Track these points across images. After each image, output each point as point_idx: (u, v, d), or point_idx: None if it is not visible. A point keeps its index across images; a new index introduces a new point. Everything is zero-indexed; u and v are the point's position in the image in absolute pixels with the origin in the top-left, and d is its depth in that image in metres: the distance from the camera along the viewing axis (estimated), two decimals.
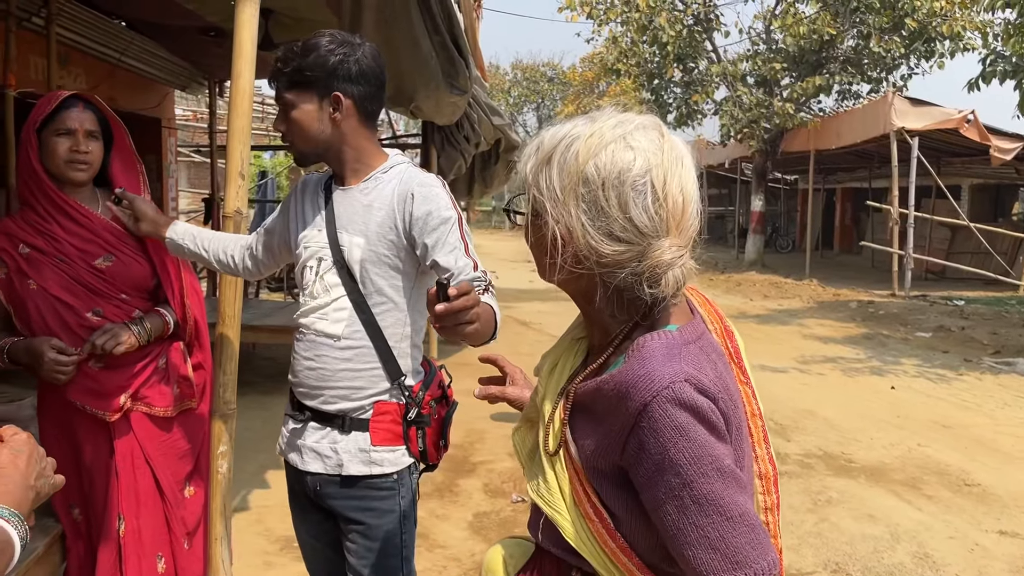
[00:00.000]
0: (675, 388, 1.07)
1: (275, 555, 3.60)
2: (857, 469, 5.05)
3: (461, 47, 4.40)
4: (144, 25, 6.59)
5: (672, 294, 1.13)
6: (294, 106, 1.93)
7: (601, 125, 1.15)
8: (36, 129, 2.22)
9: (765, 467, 1.25)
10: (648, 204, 1.11)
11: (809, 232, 18.75)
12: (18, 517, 1.04)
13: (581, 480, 1.18)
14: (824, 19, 15.75)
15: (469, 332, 1.41)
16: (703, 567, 1.06)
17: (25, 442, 1.20)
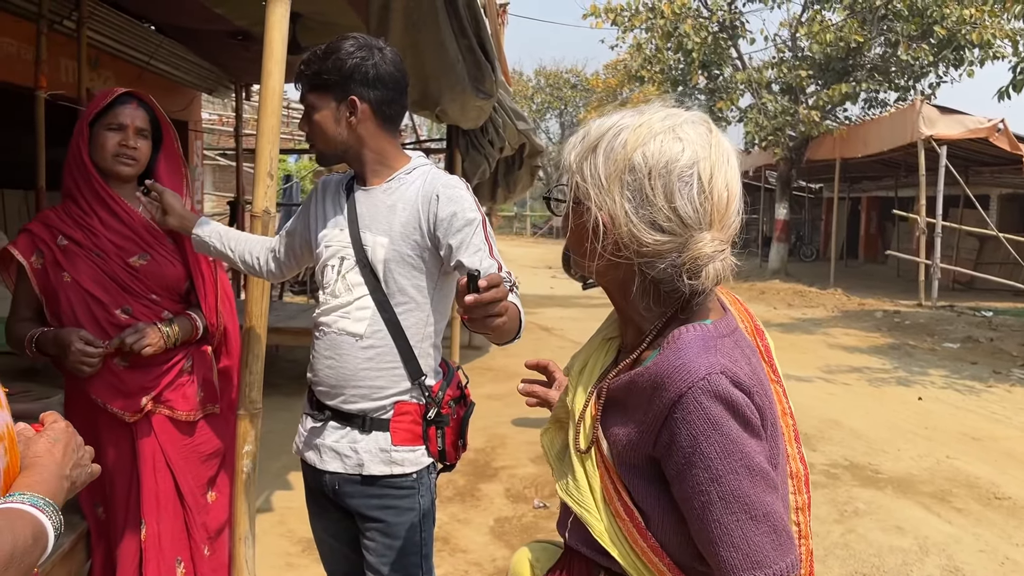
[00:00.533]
0: (711, 380, 1.06)
1: (297, 556, 3.60)
2: (884, 480, 4.97)
3: (488, 51, 4.39)
4: (172, 29, 6.66)
5: (711, 288, 1.12)
6: (315, 108, 1.97)
7: (650, 117, 1.15)
8: (89, 122, 2.25)
9: (796, 466, 1.24)
10: (694, 195, 1.11)
11: (834, 241, 18.56)
12: (53, 507, 1.03)
13: (612, 478, 1.17)
14: (851, 26, 15.62)
15: (497, 325, 1.40)
16: (725, 565, 1.06)
17: (63, 431, 1.19)
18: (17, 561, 0.91)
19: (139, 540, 2.33)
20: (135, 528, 2.33)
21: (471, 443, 2.14)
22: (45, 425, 1.21)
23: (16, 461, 1.08)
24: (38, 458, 1.12)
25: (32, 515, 0.99)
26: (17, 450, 1.09)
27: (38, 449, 1.13)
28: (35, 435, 1.17)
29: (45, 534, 1.00)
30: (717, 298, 1.24)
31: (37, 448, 1.13)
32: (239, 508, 2.32)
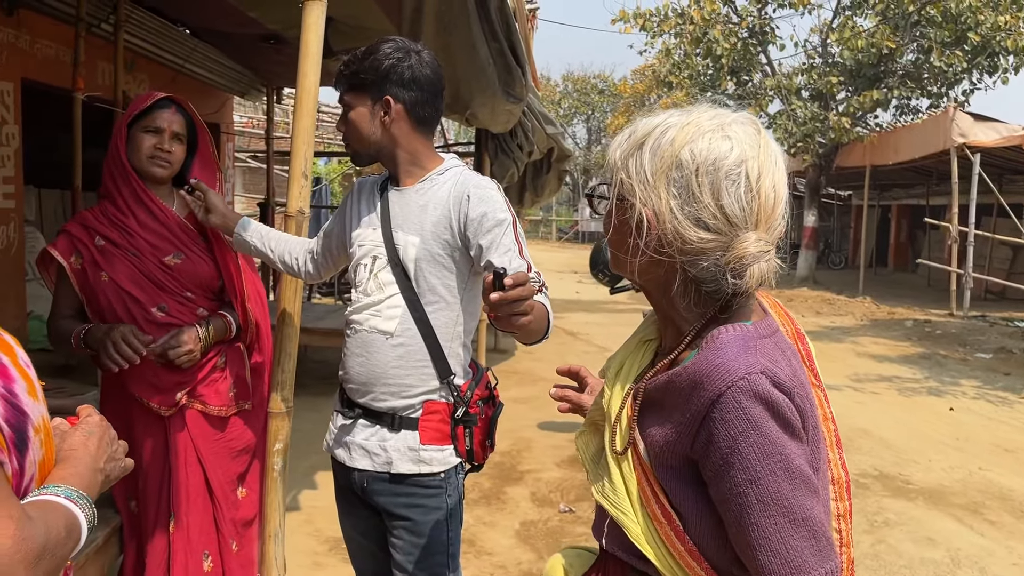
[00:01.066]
0: (751, 379, 1.05)
1: (324, 555, 3.62)
2: (915, 491, 4.90)
3: (518, 54, 4.40)
4: (206, 32, 6.74)
5: (753, 289, 1.11)
6: (351, 107, 2.00)
7: (698, 116, 1.15)
8: (128, 124, 2.30)
9: (838, 472, 1.22)
10: (741, 194, 1.10)
11: (863, 249, 18.37)
12: (86, 499, 1.04)
13: (649, 480, 1.16)
14: (883, 32, 15.46)
15: (523, 323, 1.40)
16: (762, 569, 1.04)
17: (98, 424, 1.21)
18: (50, 553, 0.92)
19: (168, 533, 2.36)
20: (165, 522, 2.36)
21: (496, 446, 2.14)
22: (80, 419, 1.22)
23: (52, 454, 1.09)
24: (73, 451, 1.13)
25: (66, 507, 1.00)
26: (53, 443, 1.10)
27: (73, 442, 1.15)
28: (70, 429, 1.18)
29: (78, 526, 1.01)
30: (758, 301, 1.23)
31: (72, 441, 1.15)
32: (270, 505, 2.34)
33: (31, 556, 0.88)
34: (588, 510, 4.29)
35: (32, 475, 1.00)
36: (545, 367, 7.96)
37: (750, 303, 1.18)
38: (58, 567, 0.95)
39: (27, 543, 0.87)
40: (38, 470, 1.02)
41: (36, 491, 1.01)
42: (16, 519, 0.87)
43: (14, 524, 0.86)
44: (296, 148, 2.25)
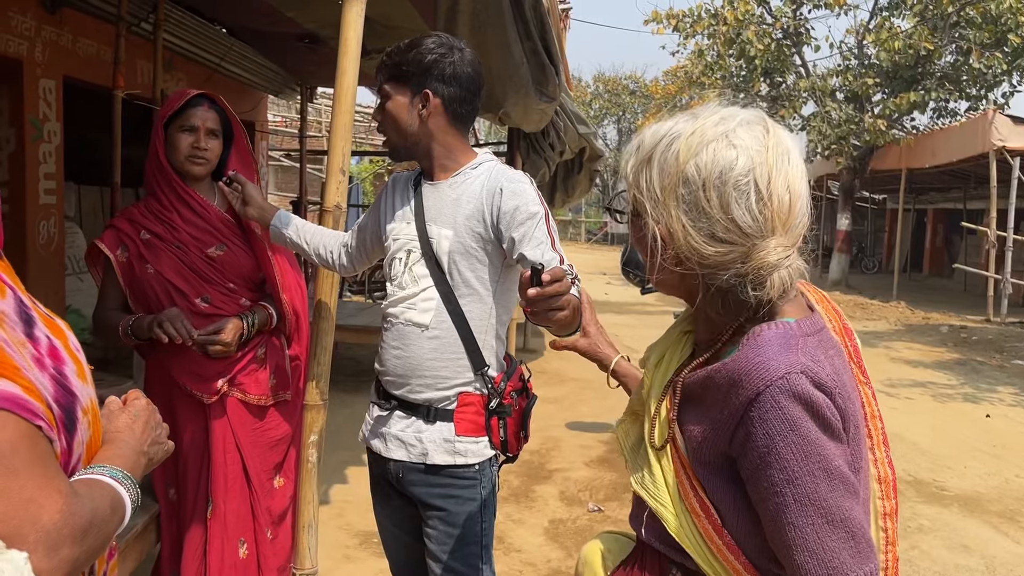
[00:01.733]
0: (790, 379, 1.03)
1: (355, 549, 3.66)
2: (950, 497, 4.83)
3: (552, 54, 4.40)
4: (242, 31, 6.83)
5: (778, 296, 1.10)
6: (389, 97, 2.03)
7: (703, 122, 1.13)
8: (164, 124, 2.34)
9: (884, 471, 1.21)
10: (752, 204, 1.08)
11: (897, 253, 18.11)
12: (131, 480, 1.07)
13: (688, 474, 1.16)
14: (921, 34, 15.23)
15: (559, 319, 1.41)
16: (799, 570, 1.04)
17: (144, 408, 1.24)
18: (96, 529, 0.94)
19: (206, 519, 2.40)
20: (203, 509, 2.41)
21: (525, 445, 2.15)
22: (127, 402, 1.25)
23: (99, 435, 1.11)
24: (119, 433, 1.16)
25: (111, 486, 1.03)
26: (100, 425, 1.13)
27: (119, 424, 1.17)
28: (117, 410, 1.21)
29: (123, 505, 1.03)
30: (803, 296, 1.21)
31: (118, 424, 1.17)
32: (304, 497, 2.36)
33: (78, 531, 0.90)
34: (617, 510, 4.29)
35: (80, 455, 1.03)
36: (574, 367, 7.95)
37: (792, 300, 1.16)
38: (103, 544, 0.97)
39: (75, 518, 0.90)
40: (85, 450, 1.05)
41: (83, 470, 1.04)
42: (64, 494, 0.90)
43: (62, 499, 0.89)
44: (334, 144, 2.27)
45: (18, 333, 0.95)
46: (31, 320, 0.99)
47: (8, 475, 0.85)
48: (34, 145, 5.22)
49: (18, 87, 5.09)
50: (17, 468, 0.86)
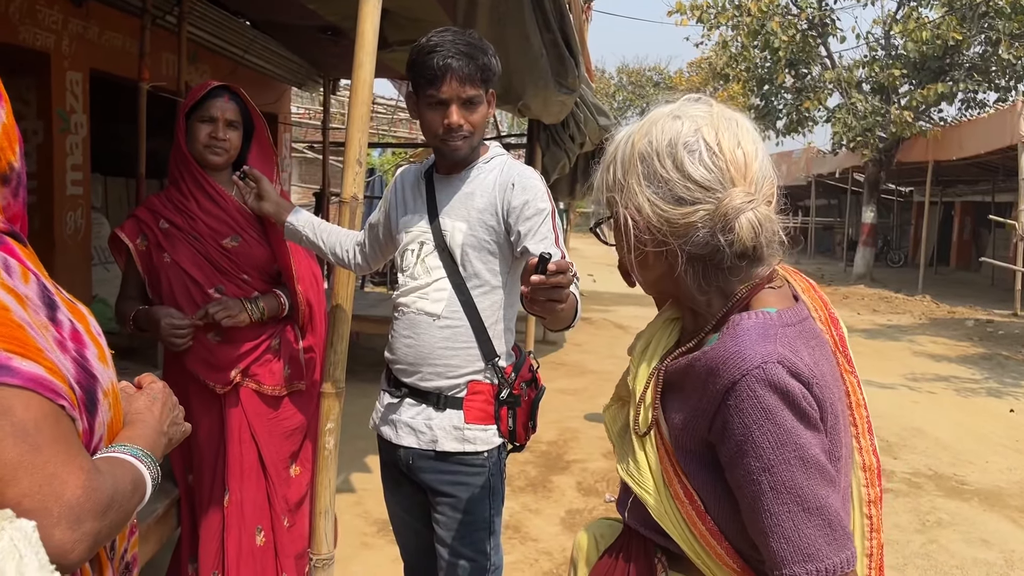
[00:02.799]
0: (766, 368, 1.04)
1: (372, 536, 3.70)
2: (971, 492, 4.80)
3: (571, 45, 4.41)
4: (266, 24, 6.88)
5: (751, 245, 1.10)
6: (481, 100, 1.99)
7: (651, 114, 1.19)
8: (186, 114, 2.39)
9: (869, 459, 1.21)
10: (703, 158, 1.11)
11: (923, 246, 17.91)
12: (151, 458, 1.10)
13: (671, 461, 1.17)
14: (949, 24, 15.01)
15: (558, 310, 1.43)
16: (775, 556, 1.05)
17: (161, 390, 1.28)
18: (117, 505, 0.98)
19: (223, 507, 2.45)
20: (220, 496, 2.46)
21: (543, 436, 2.19)
22: (143, 386, 1.29)
23: (119, 417, 1.15)
24: (139, 415, 1.19)
25: (132, 464, 1.06)
26: (121, 408, 1.17)
27: (139, 406, 1.21)
28: (136, 393, 1.25)
29: (144, 483, 1.07)
30: (789, 287, 1.22)
31: (138, 405, 1.21)
32: (320, 483, 2.40)
33: (100, 506, 0.94)
34: None
35: (101, 435, 1.07)
36: (594, 359, 7.97)
37: (776, 290, 1.18)
38: (124, 519, 1.01)
39: (96, 493, 0.93)
40: (107, 431, 1.09)
41: (104, 449, 1.07)
42: (86, 470, 0.93)
43: (84, 474, 0.92)
44: (351, 135, 2.30)
45: (41, 317, 0.99)
46: (54, 304, 1.03)
47: (32, 452, 0.88)
48: (61, 136, 5.30)
49: (46, 79, 5.16)
50: (41, 445, 0.89)
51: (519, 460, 4.73)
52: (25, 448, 0.88)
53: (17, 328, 0.92)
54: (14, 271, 0.98)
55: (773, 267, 1.18)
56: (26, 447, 0.88)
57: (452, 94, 1.92)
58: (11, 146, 1.01)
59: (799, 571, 1.03)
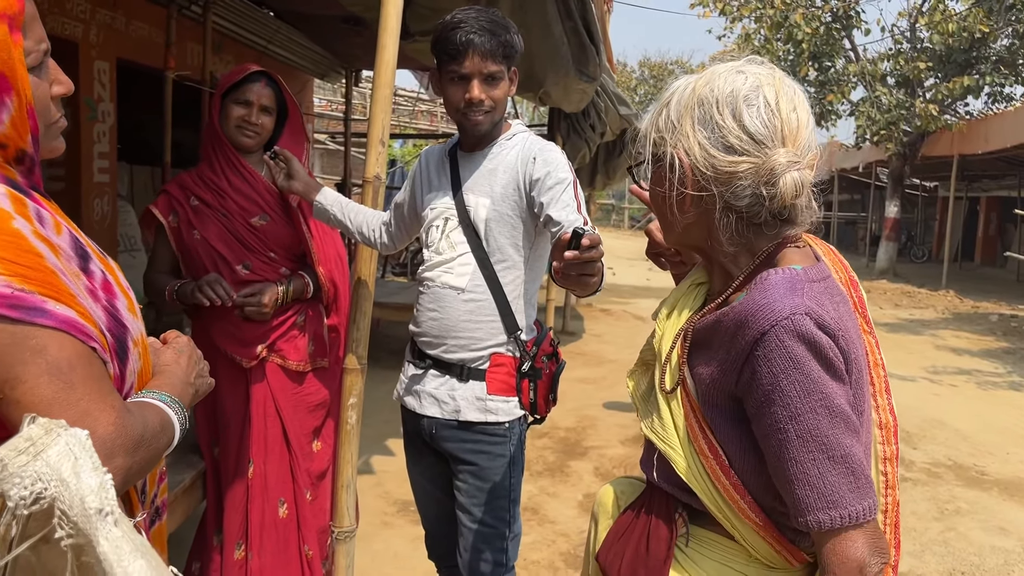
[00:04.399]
0: (795, 320, 1.08)
1: (393, 516, 3.76)
2: (990, 482, 4.79)
3: (592, 33, 4.43)
4: (289, 14, 6.94)
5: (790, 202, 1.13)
6: (503, 76, 2.03)
7: (714, 66, 1.22)
8: (222, 95, 2.44)
9: (886, 417, 1.24)
10: (761, 112, 1.14)
11: (948, 241, 17.74)
12: (179, 404, 1.15)
13: (697, 417, 1.20)
14: (976, 16, 14.84)
15: (590, 283, 1.45)
16: (800, 503, 1.08)
17: (187, 344, 1.33)
18: (146, 444, 1.03)
19: (247, 480, 2.51)
20: (245, 469, 2.51)
21: (561, 422, 2.23)
22: (169, 341, 1.34)
23: (148, 366, 1.20)
24: (167, 366, 1.24)
25: (161, 408, 1.11)
26: (149, 358, 1.22)
27: (166, 359, 1.26)
28: (162, 347, 1.30)
29: (172, 425, 1.12)
30: (810, 248, 1.25)
31: (165, 358, 1.26)
32: (343, 457, 2.45)
33: (130, 443, 0.99)
34: None
35: (132, 383, 1.12)
36: (612, 349, 7.99)
37: (800, 250, 1.21)
38: (153, 459, 1.06)
39: (127, 430, 0.98)
40: (137, 379, 1.14)
41: (135, 395, 1.12)
42: (118, 409, 0.98)
43: (115, 413, 0.98)
44: (374, 115, 2.34)
45: (73, 266, 1.04)
46: (86, 255, 1.08)
47: (66, 389, 0.94)
48: (89, 124, 5.39)
49: (74, 68, 5.25)
50: (74, 383, 0.94)
51: (537, 445, 4.78)
52: (60, 385, 0.94)
53: (50, 274, 0.97)
54: (47, 221, 1.03)
55: (800, 233, 1.21)
56: (61, 384, 0.94)
57: (474, 69, 1.96)
58: (21, 135, 1.05)
59: (823, 517, 1.06)
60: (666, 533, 1.28)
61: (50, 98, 1.10)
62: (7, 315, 0.92)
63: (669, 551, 1.26)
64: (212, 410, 2.53)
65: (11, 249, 0.95)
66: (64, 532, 0.55)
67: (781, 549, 1.19)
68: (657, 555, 1.27)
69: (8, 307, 0.92)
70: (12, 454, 0.57)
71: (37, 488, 0.55)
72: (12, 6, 1.00)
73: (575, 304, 10.50)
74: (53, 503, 0.55)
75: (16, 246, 0.95)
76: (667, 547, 1.26)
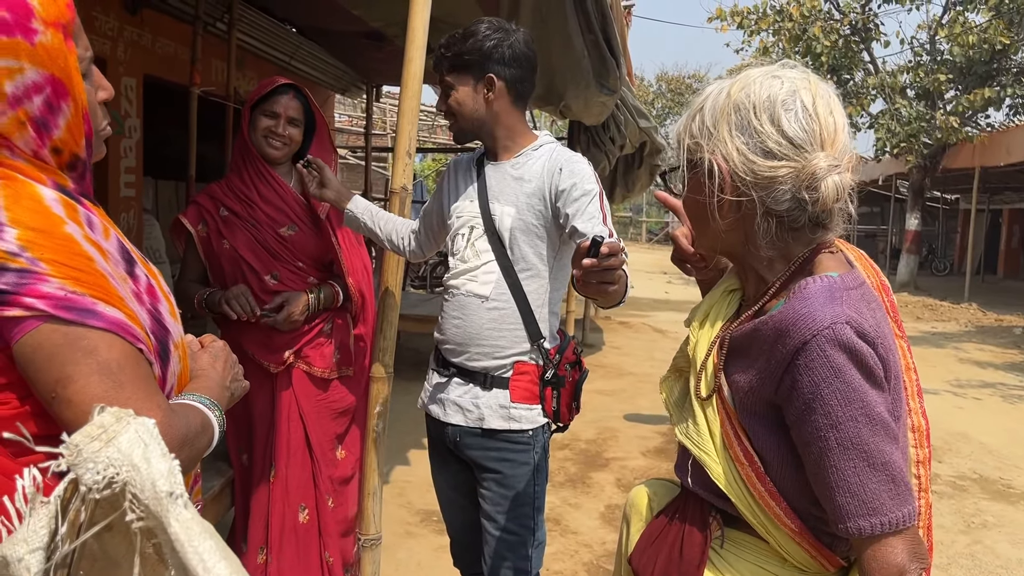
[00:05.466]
0: (836, 329, 1.08)
1: (416, 526, 3.77)
2: (1016, 495, 4.74)
3: (613, 46, 4.46)
4: (311, 30, 7.03)
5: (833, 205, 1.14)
6: (453, 87, 2.12)
7: (747, 72, 1.22)
8: (251, 106, 2.49)
9: (918, 420, 1.25)
10: (799, 116, 1.15)
11: (970, 254, 17.59)
12: (218, 407, 1.18)
13: (733, 424, 1.21)
14: (996, 28, 14.75)
15: (610, 291, 1.46)
16: (840, 510, 1.08)
17: (222, 348, 1.35)
18: (189, 443, 1.05)
19: (269, 484, 2.53)
20: (268, 473, 2.54)
21: (583, 434, 2.24)
22: (205, 345, 1.37)
23: (187, 369, 1.23)
24: (203, 371, 1.27)
25: (201, 410, 1.14)
26: (188, 361, 1.25)
27: (203, 363, 1.29)
28: (199, 351, 1.33)
29: (211, 426, 1.14)
30: (843, 255, 1.26)
31: (201, 363, 1.29)
32: (369, 465, 2.47)
33: (175, 442, 1.01)
34: None
35: (172, 385, 1.15)
36: (632, 361, 7.98)
37: (833, 255, 1.21)
38: (195, 458, 1.08)
39: (172, 430, 1.01)
40: (177, 381, 1.17)
41: (175, 397, 1.15)
42: (164, 409, 1.01)
43: (162, 412, 1.00)
44: (401, 128, 2.37)
45: (120, 270, 1.07)
46: (132, 260, 1.11)
47: (116, 388, 0.97)
48: (116, 140, 5.48)
49: None
50: (124, 382, 0.97)
51: (559, 457, 4.78)
52: (110, 384, 0.96)
53: (101, 277, 1.00)
54: (96, 227, 1.07)
55: (833, 238, 1.22)
56: (111, 383, 0.97)
57: (442, 83, 2.14)
58: (76, 140, 1.08)
59: (863, 524, 1.07)
60: (700, 538, 1.28)
61: (97, 103, 1.14)
62: (60, 316, 0.95)
63: (703, 556, 1.26)
64: (240, 417, 2.56)
65: (64, 253, 0.98)
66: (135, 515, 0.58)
67: (817, 554, 1.20)
68: (691, 560, 1.27)
69: (62, 308, 0.95)
70: (86, 440, 0.59)
71: (109, 473, 0.57)
72: (64, 14, 1.03)
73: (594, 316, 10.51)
74: (124, 487, 0.58)
75: (69, 250, 0.98)
76: (701, 552, 1.27)
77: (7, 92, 1.00)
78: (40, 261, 0.95)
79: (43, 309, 0.94)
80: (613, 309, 1.75)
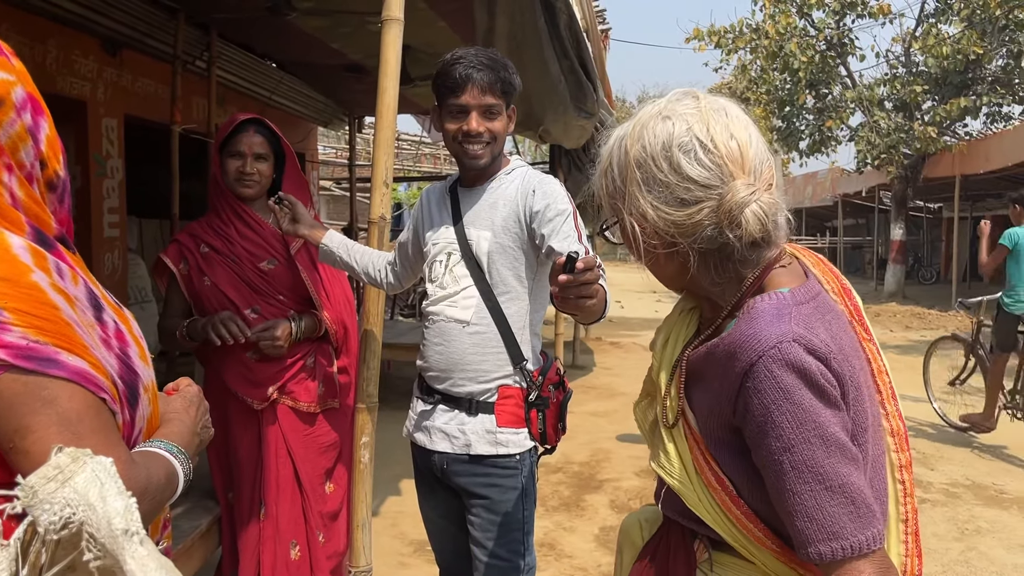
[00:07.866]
0: (782, 348, 1.05)
1: (409, 556, 3.75)
2: (1009, 500, 4.74)
3: (589, 71, 4.51)
4: (291, 64, 7.08)
5: (760, 235, 1.11)
6: (500, 113, 2.09)
7: (640, 114, 1.20)
8: (219, 148, 2.51)
9: (896, 424, 1.21)
10: (700, 157, 1.12)
11: (955, 262, 17.70)
12: (185, 455, 1.17)
13: (702, 449, 1.19)
14: (970, 38, 14.98)
15: (588, 307, 1.46)
16: (800, 535, 1.05)
17: (196, 394, 1.36)
18: (150, 495, 1.05)
19: (260, 522, 2.52)
20: (257, 511, 2.53)
21: (575, 456, 2.23)
22: (180, 389, 1.37)
23: (157, 412, 1.23)
24: (176, 414, 1.27)
25: (167, 459, 1.13)
26: (158, 404, 1.25)
27: (176, 407, 1.29)
28: (173, 396, 1.33)
29: (176, 476, 1.14)
30: (798, 263, 1.24)
31: (175, 406, 1.29)
32: (357, 496, 2.46)
33: (135, 494, 1.01)
34: None
35: (141, 428, 1.14)
36: (623, 382, 7.97)
37: (787, 268, 1.19)
38: (156, 509, 1.08)
39: (131, 482, 0.99)
40: (146, 425, 1.16)
41: (143, 443, 1.15)
42: (123, 461, 1.00)
43: (121, 464, 0.99)
44: (377, 158, 2.39)
45: (88, 316, 1.07)
46: (100, 306, 1.11)
47: (74, 439, 0.96)
48: (98, 181, 5.49)
49: (83, 126, 5.36)
50: (82, 433, 0.97)
51: (552, 480, 4.76)
52: (69, 436, 0.96)
53: (65, 326, 1.00)
54: (65, 274, 1.07)
55: (781, 248, 1.19)
56: (69, 434, 0.96)
57: (472, 101, 2.02)
58: (56, 156, 1.11)
59: (823, 549, 1.03)
60: (685, 565, 1.26)
61: None
62: (21, 365, 0.94)
63: None
64: (226, 455, 2.55)
65: (28, 302, 0.98)
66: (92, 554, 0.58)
67: (804, 571, 1.16)
68: None
69: (22, 358, 0.94)
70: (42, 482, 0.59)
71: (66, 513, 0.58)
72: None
73: (584, 338, 10.51)
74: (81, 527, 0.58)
75: (33, 299, 0.98)
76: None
77: (15, 102, 1.02)
78: (3, 310, 0.95)
79: (3, 358, 0.94)
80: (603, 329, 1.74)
